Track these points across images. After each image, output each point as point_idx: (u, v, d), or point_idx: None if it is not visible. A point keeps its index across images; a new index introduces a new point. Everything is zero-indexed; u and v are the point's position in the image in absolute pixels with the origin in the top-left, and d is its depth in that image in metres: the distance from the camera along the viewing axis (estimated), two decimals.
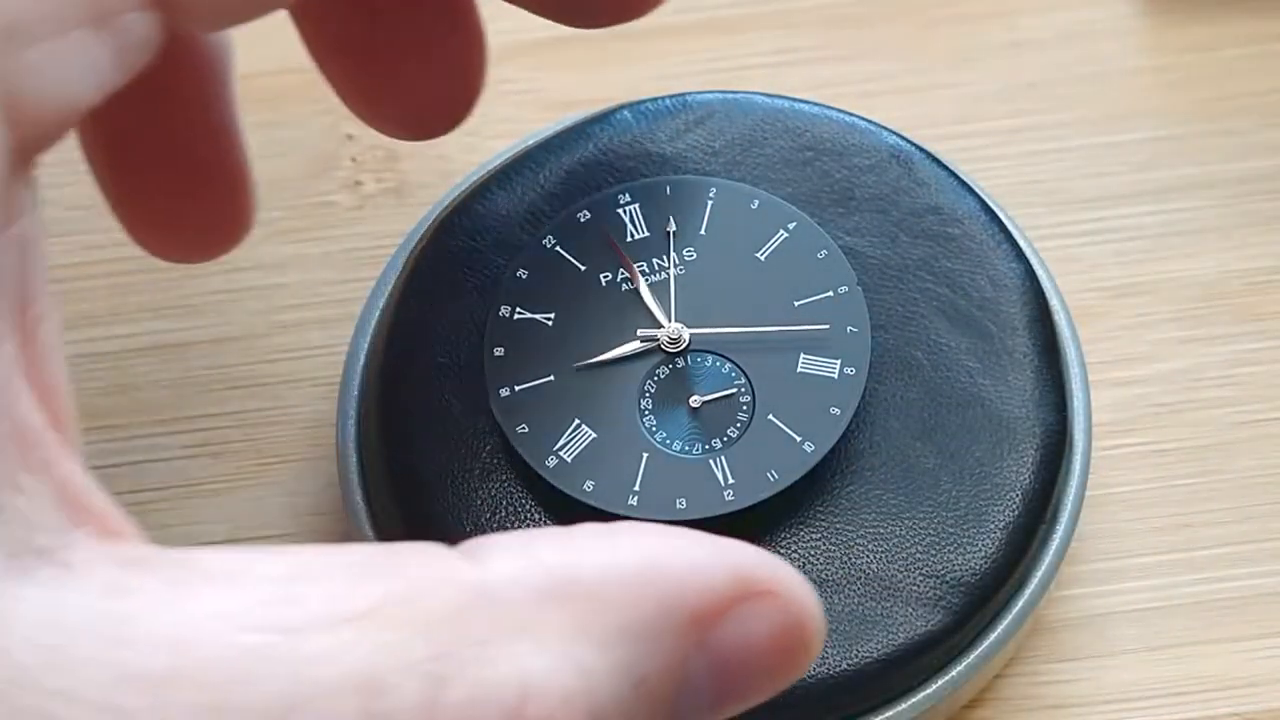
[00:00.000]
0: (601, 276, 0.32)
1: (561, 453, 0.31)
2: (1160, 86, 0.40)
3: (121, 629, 0.20)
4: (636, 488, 0.30)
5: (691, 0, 0.41)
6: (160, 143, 0.30)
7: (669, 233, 0.33)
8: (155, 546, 0.21)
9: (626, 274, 0.32)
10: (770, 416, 0.31)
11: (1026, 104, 0.39)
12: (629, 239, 0.33)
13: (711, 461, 0.31)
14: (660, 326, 0.32)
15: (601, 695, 0.23)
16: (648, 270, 0.32)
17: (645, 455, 0.31)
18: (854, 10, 0.41)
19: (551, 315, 0.32)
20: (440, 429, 0.32)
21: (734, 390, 0.31)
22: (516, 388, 0.31)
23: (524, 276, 0.32)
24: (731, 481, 0.30)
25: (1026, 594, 0.31)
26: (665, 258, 0.32)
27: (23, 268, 0.22)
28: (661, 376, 0.31)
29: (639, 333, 0.32)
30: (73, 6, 0.22)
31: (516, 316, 0.32)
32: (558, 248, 0.33)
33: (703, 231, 0.33)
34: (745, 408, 0.31)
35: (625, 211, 0.33)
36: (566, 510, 0.30)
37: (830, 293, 0.32)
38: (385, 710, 0.21)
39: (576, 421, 0.31)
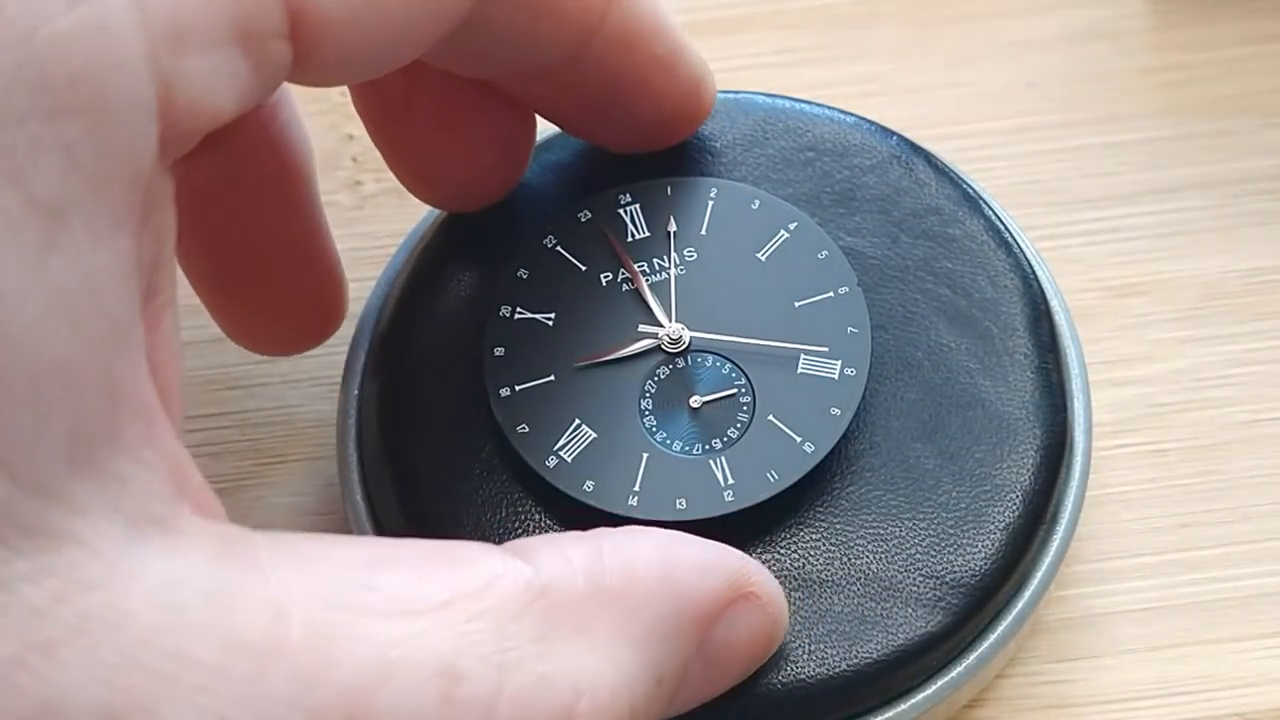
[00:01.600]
0: (602, 276, 0.32)
1: (561, 453, 0.31)
2: (1160, 86, 0.40)
3: (230, 597, 0.22)
4: (636, 488, 0.30)
5: (691, 0, 0.41)
6: (253, 245, 0.32)
7: (669, 233, 0.33)
8: (243, 526, 0.23)
9: (627, 274, 0.32)
10: (770, 417, 0.31)
11: (1026, 104, 0.39)
12: (629, 239, 0.33)
13: (711, 462, 0.30)
14: (660, 327, 0.32)
15: (635, 693, 0.25)
16: (648, 270, 0.32)
17: (645, 455, 0.30)
18: (854, 10, 0.41)
19: (552, 315, 0.32)
20: (440, 429, 0.31)
21: (734, 390, 0.31)
22: (516, 388, 0.31)
23: (524, 276, 0.32)
24: (731, 482, 0.30)
25: (1026, 594, 0.31)
26: (666, 258, 0.32)
27: (156, 258, 0.23)
28: (662, 377, 0.31)
29: (639, 332, 0.32)
30: (230, 24, 0.23)
31: (516, 316, 0.32)
32: (558, 248, 0.33)
33: (703, 232, 0.33)
34: (745, 408, 0.31)
35: (626, 211, 0.33)
36: (566, 510, 0.30)
37: (831, 293, 0.32)
38: (462, 696, 0.22)
39: (576, 421, 0.31)
